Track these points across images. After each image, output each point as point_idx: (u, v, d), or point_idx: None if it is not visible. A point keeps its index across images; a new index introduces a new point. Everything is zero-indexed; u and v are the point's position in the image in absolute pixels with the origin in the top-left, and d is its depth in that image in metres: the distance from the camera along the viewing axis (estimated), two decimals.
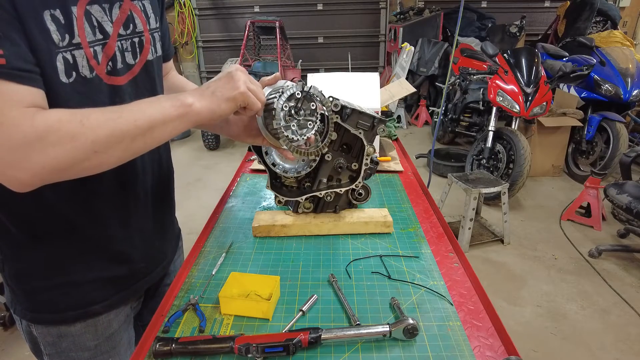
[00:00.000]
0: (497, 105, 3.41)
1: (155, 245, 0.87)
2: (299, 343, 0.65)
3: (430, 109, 5.61)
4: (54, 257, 0.73)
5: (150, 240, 0.85)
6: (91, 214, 0.72)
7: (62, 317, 0.76)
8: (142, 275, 0.85)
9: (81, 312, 0.77)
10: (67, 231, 0.71)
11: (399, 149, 1.62)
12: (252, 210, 1.15)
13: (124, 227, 0.77)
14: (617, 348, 1.98)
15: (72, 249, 0.73)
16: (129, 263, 0.81)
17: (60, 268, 0.73)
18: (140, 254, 0.82)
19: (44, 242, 0.71)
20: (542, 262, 2.67)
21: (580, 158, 3.91)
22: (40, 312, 0.76)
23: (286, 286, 0.83)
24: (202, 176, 4.16)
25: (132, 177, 0.76)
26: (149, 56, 0.75)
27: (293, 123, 0.79)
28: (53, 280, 0.74)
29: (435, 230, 1.04)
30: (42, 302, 0.75)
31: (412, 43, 5.15)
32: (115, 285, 0.80)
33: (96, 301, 0.78)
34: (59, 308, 0.75)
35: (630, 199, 2.43)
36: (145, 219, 0.82)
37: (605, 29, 5.01)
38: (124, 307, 0.84)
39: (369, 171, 1.01)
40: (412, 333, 0.67)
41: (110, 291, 0.79)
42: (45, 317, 0.76)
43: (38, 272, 0.73)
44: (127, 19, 0.69)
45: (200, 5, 6.70)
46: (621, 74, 3.67)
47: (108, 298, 0.79)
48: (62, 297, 0.75)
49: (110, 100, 0.67)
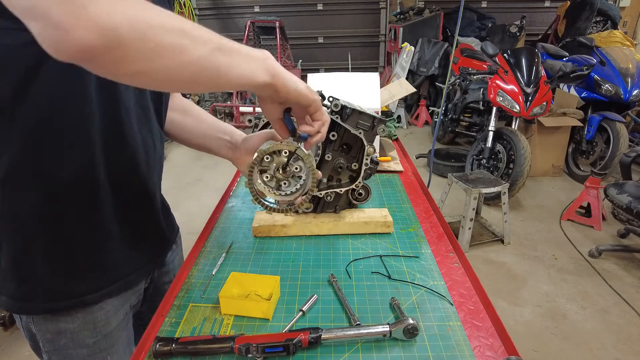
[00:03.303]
0: (497, 105, 3.41)
1: (143, 233, 0.86)
2: (299, 343, 0.65)
3: (430, 109, 5.61)
4: (50, 243, 0.72)
5: (139, 230, 0.84)
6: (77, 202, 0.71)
7: (56, 306, 0.75)
8: (136, 265, 0.84)
9: (75, 302, 0.76)
10: (63, 217, 0.71)
11: (399, 149, 1.62)
12: (252, 210, 1.15)
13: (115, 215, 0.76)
14: (617, 348, 1.98)
15: (65, 234, 0.72)
16: (121, 251, 0.80)
17: (56, 254, 0.73)
18: (130, 242, 0.81)
19: (45, 226, 0.70)
20: (542, 262, 2.68)
21: (581, 158, 3.91)
22: (30, 301, 0.74)
23: (286, 286, 0.83)
24: (202, 176, 4.16)
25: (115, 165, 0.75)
26: None
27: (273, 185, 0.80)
28: (50, 266, 0.73)
29: (435, 230, 1.04)
30: (35, 290, 0.73)
31: (412, 43, 5.15)
32: (110, 274, 0.79)
33: (91, 289, 0.77)
34: (53, 296, 0.74)
35: (631, 199, 2.43)
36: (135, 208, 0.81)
37: (605, 29, 5.02)
38: (122, 304, 0.84)
39: (369, 171, 1.01)
40: (412, 333, 0.67)
41: (104, 280, 0.78)
42: (37, 307, 0.75)
43: (36, 257, 0.72)
44: None
45: (200, 5, 6.71)
46: (621, 74, 3.67)
47: (103, 287, 0.78)
48: (57, 285, 0.74)
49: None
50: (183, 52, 0.49)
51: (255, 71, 0.57)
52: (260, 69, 0.58)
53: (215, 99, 6.06)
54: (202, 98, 6.87)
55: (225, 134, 0.92)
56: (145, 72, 0.48)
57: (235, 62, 0.55)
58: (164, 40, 0.47)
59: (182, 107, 0.96)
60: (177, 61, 0.49)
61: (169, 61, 0.48)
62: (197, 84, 0.54)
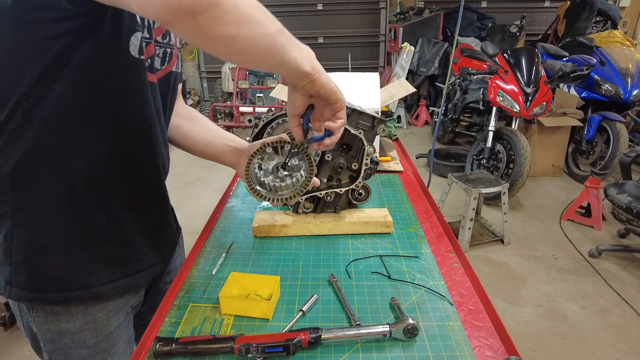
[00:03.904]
0: (497, 105, 3.41)
1: (157, 231, 0.88)
2: (299, 343, 0.65)
3: (430, 109, 5.61)
4: (67, 233, 0.72)
5: (153, 225, 0.86)
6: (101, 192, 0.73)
7: (65, 297, 0.75)
8: (146, 263, 0.85)
9: (86, 292, 0.76)
10: (79, 207, 0.72)
11: (399, 149, 1.62)
12: (252, 210, 1.15)
13: (131, 209, 0.78)
14: (617, 348, 1.98)
15: (83, 225, 0.73)
16: (134, 245, 0.81)
17: (70, 244, 0.73)
18: (144, 238, 0.83)
19: (59, 217, 0.71)
20: (542, 262, 2.68)
21: (581, 158, 3.91)
22: (42, 292, 0.74)
23: (286, 286, 0.83)
24: (202, 176, 4.16)
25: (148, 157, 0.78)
26: (173, 68, 0.82)
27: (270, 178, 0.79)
28: (63, 257, 0.73)
29: (435, 230, 1.04)
30: (47, 280, 0.74)
31: (412, 43, 5.15)
32: (122, 268, 0.80)
33: (102, 281, 0.77)
34: (63, 287, 0.74)
35: (630, 199, 2.43)
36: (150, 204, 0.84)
37: (605, 29, 5.02)
38: (123, 304, 0.84)
39: (369, 171, 1.01)
40: (412, 333, 0.67)
41: (117, 273, 0.79)
42: (47, 297, 0.75)
43: (50, 246, 0.72)
44: (165, 31, 0.76)
45: None
46: (621, 74, 3.67)
47: (114, 280, 0.79)
48: (68, 275, 0.74)
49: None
50: (262, 24, 0.55)
51: (303, 59, 0.62)
52: (306, 58, 0.63)
53: (215, 99, 6.06)
54: (202, 98, 6.87)
55: (230, 141, 0.95)
56: (232, 36, 0.53)
57: (293, 46, 0.60)
58: (250, 10, 0.53)
59: (188, 114, 0.99)
60: (258, 31, 0.54)
61: (252, 30, 0.54)
62: (265, 58, 0.59)
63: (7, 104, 0.63)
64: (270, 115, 1.03)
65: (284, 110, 0.95)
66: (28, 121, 0.64)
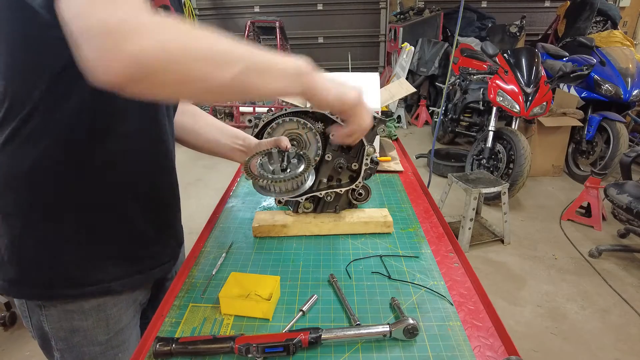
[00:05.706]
0: (497, 105, 3.41)
1: (168, 227, 0.89)
2: (299, 343, 0.65)
3: (430, 109, 5.61)
4: (79, 229, 0.73)
5: (164, 222, 0.87)
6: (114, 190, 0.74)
7: (79, 293, 0.75)
8: (157, 261, 0.86)
9: (99, 288, 0.76)
10: (92, 205, 0.72)
11: (399, 149, 1.62)
12: (252, 210, 1.15)
13: (143, 206, 0.79)
14: (617, 348, 1.98)
15: (98, 221, 0.74)
16: (146, 242, 0.82)
17: (82, 242, 0.74)
18: (156, 234, 0.84)
19: (76, 211, 0.71)
20: (542, 262, 2.68)
21: (581, 158, 3.91)
22: (55, 288, 0.74)
23: (286, 286, 0.83)
24: (202, 176, 4.16)
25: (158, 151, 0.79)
26: None
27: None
28: (75, 254, 0.73)
29: (435, 230, 1.04)
30: (60, 277, 0.74)
31: (412, 43, 5.15)
32: (135, 265, 0.81)
33: (117, 277, 0.78)
34: (76, 282, 0.75)
35: (631, 199, 2.43)
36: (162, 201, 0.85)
37: (605, 29, 5.02)
38: (132, 301, 0.85)
39: (369, 171, 1.01)
40: (412, 333, 0.67)
41: (129, 270, 0.80)
42: (61, 293, 0.75)
43: (63, 244, 0.72)
44: (162, 5, 0.76)
45: (200, 5, 6.71)
46: (621, 74, 3.67)
47: (127, 277, 0.80)
48: (81, 271, 0.74)
49: None
50: (207, 79, 0.51)
51: (286, 87, 0.59)
52: (293, 84, 0.59)
53: None
54: None
55: (237, 139, 0.96)
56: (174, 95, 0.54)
57: (266, 81, 0.56)
58: (190, 71, 0.50)
59: (192, 111, 0.99)
60: (202, 87, 0.52)
61: (194, 87, 0.52)
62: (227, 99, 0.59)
63: (28, 103, 0.63)
64: (270, 115, 1.03)
65: (284, 110, 0.95)
66: (48, 121, 0.64)
